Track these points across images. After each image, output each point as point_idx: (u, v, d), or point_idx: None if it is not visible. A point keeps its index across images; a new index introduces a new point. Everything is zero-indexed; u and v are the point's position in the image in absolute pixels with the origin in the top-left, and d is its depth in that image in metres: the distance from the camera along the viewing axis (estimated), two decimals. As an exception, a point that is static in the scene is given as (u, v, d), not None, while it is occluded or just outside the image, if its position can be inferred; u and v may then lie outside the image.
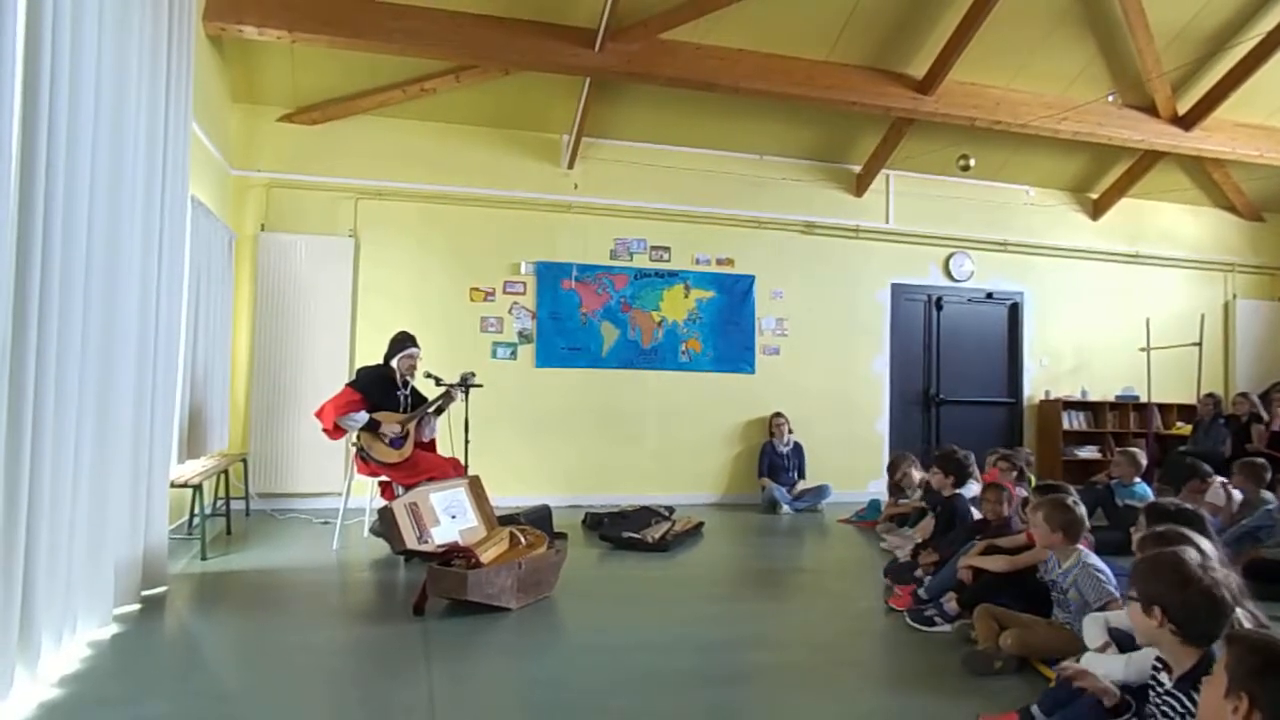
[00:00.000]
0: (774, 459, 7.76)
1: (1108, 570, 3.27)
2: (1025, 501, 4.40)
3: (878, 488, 8.09)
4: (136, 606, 3.83)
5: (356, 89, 6.88)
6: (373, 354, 5.91)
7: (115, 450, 3.54)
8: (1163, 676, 1.99)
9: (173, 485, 4.58)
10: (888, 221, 8.51)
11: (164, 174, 4.05)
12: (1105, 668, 2.46)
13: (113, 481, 3.53)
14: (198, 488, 4.92)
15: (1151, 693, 2.02)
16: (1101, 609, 3.12)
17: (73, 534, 3.11)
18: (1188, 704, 1.86)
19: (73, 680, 2.93)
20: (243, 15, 5.66)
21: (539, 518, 5.45)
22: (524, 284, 7.53)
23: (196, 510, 5.08)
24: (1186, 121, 7.75)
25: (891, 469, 6.81)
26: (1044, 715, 2.55)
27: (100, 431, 3.39)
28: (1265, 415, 7.44)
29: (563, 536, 4.69)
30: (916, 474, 6.48)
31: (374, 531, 5.45)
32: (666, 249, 7.89)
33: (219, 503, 5.98)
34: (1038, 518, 3.42)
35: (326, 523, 6.02)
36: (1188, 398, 8.62)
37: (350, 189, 7.12)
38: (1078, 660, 2.62)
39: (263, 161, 6.95)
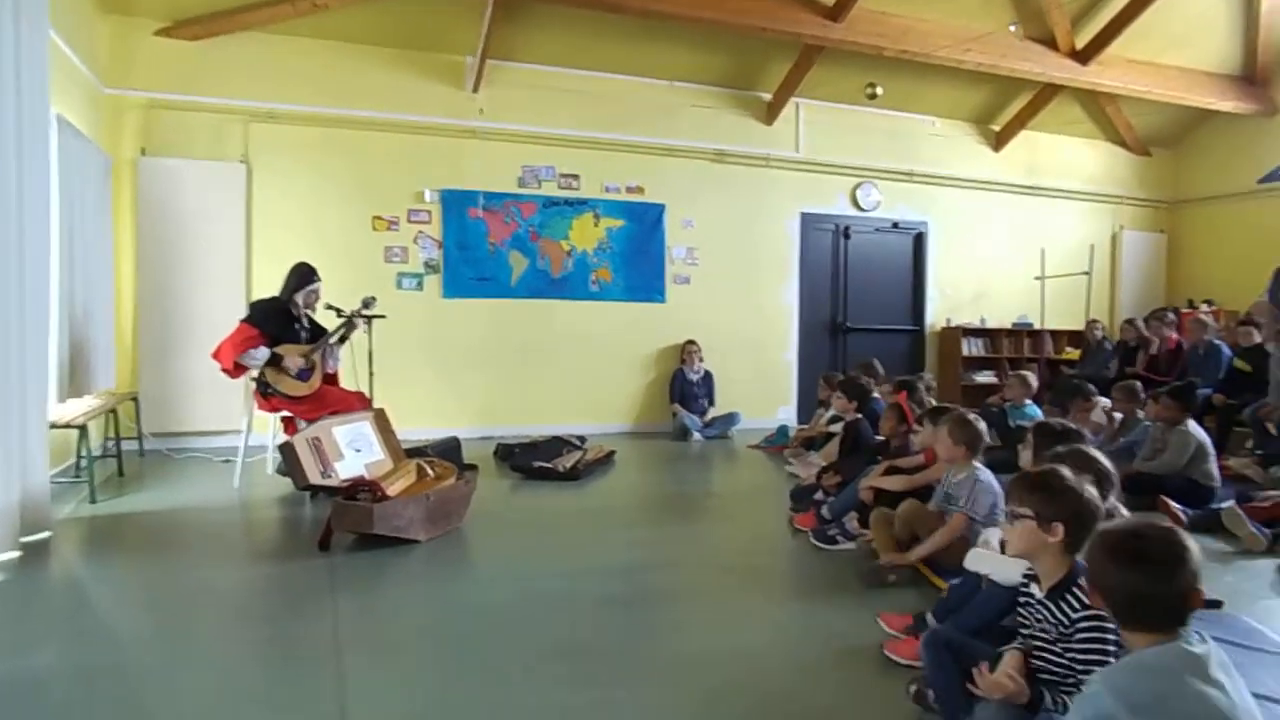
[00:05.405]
0: (685, 386, 7.85)
1: (999, 493, 3.28)
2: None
3: (786, 414, 8.31)
4: (17, 554, 3.64)
5: (242, 2, 6.41)
6: (270, 285, 5.64)
7: (-18, 389, 3.31)
8: (1033, 588, 2.10)
9: (53, 426, 4.34)
10: (797, 151, 8.52)
11: (19, 89, 3.71)
12: (1002, 567, 2.54)
13: (-19, 422, 3.31)
14: (82, 428, 4.67)
15: (1022, 606, 2.13)
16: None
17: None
18: (1057, 613, 1.98)
19: (-52, 631, 2.78)
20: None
21: (447, 449, 5.40)
22: (429, 213, 7.29)
23: (83, 452, 4.83)
24: (1083, 56, 7.96)
25: (822, 387, 6.92)
26: (937, 621, 2.69)
27: (-37, 369, 3.15)
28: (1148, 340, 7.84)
29: (473, 468, 4.66)
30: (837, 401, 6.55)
31: (280, 470, 5.29)
32: (575, 177, 7.73)
33: (109, 443, 5.70)
34: (942, 433, 3.48)
35: (228, 460, 5.81)
36: (1078, 325, 9.05)
37: (240, 111, 6.69)
38: (966, 556, 2.75)
39: (140, 79, 6.43)
